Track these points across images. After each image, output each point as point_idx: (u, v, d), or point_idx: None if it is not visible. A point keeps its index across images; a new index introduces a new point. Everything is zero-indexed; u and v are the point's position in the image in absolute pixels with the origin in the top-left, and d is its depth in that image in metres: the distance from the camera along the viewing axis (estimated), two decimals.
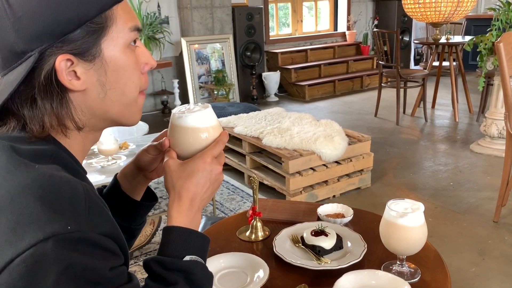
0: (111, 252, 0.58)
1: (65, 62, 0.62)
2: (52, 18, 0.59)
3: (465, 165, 3.50)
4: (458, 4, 3.86)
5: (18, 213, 0.53)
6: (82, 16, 0.61)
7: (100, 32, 0.63)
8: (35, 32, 0.59)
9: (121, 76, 0.67)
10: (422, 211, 0.97)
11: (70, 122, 0.65)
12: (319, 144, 2.84)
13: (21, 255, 0.51)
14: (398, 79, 4.53)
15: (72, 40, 0.61)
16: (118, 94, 0.68)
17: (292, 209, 1.38)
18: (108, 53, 0.65)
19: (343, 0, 6.97)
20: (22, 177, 0.56)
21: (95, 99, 0.66)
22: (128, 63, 0.67)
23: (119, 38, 0.65)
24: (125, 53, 0.67)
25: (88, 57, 0.63)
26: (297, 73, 6.15)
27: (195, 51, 5.33)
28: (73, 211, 0.55)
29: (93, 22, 0.62)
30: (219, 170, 0.75)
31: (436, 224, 2.59)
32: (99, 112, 0.68)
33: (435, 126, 4.62)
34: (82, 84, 0.64)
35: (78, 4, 0.60)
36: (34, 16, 0.59)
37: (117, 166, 2.33)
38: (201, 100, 5.38)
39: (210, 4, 5.38)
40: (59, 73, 0.61)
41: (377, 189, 3.12)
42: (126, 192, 0.86)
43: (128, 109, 0.71)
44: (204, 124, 0.76)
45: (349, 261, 1.04)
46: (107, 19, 0.64)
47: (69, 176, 0.59)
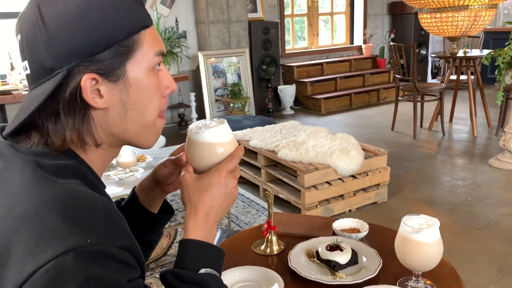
0: (128, 265, 0.59)
1: (90, 81, 0.64)
2: (82, 39, 0.62)
3: (483, 180, 3.45)
4: (475, 18, 3.84)
5: (41, 227, 0.55)
6: (110, 38, 0.64)
7: (127, 55, 0.66)
8: (65, 51, 0.62)
9: (143, 97, 0.69)
10: (438, 227, 0.97)
11: (89, 138, 0.68)
12: (335, 158, 2.83)
13: (43, 267, 0.53)
14: (415, 92, 4.50)
15: (99, 60, 0.64)
16: (138, 115, 0.70)
17: (307, 224, 1.38)
18: (133, 75, 0.67)
19: (359, 14, 7.00)
20: (45, 192, 0.58)
21: (115, 118, 0.68)
22: (150, 86, 0.70)
23: (144, 62, 0.68)
24: (148, 76, 0.69)
25: (112, 78, 0.66)
26: (313, 86, 6.16)
27: (212, 64, 5.39)
28: (93, 225, 0.57)
29: (120, 45, 0.65)
30: (234, 184, 0.77)
31: (454, 240, 2.55)
32: (117, 131, 0.70)
33: (453, 140, 4.57)
34: (105, 102, 0.66)
35: (107, 27, 0.63)
36: (66, 35, 0.62)
37: (134, 178, 2.36)
38: (217, 113, 5.42)
39: (227, 19, 5.46)
40: (84, 91, 0.64)
41: (394, 204, 3.09)
42: (143, 205, 0.88)
43: (146, 131, 0.72)
44: (220, 140, 0.78)
45: (364, 276, 1.04)
46: (134, 42, 0.66)
47: (89, 191, 0.61)
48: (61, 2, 0.63)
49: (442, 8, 3.80)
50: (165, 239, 2.59)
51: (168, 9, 5.26)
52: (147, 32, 0.68)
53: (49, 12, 0.63)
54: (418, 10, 4.18)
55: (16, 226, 0.56)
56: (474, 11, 3.75)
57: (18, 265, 0.54)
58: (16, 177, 0.61)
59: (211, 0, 5.32)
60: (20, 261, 0.54)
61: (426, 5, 3.86)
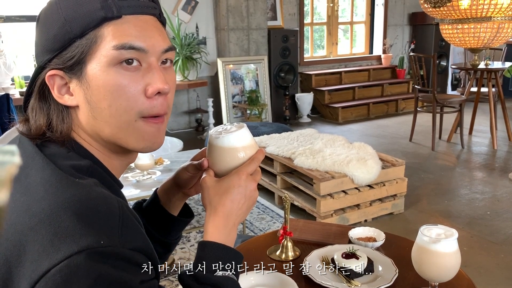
0: (141, 266, 0.60)
1: (59, 78, 0.67)
2: (45, 35, 0.67)
3: (503, 194, 3.39)
4: (498, 30, 3.79)
5: (56, 226, 0.57)
6: (66, 33, 0.65)
7: (86, 50, 0.64)
8: (38, 48, 0.69)
9: (104, 96, 0.65)
10: (456, 238, 0.96)
11: (79, 137, 0.70)
12: (351, 167, 2.82)
13: (57, 266, 0.54)
14: (435, 104, 4.46)
15: (61, 56, 0.66)
16: (105, 114, 0.66)
17: (323, 231, 1.38)
18: (91, 71, 0.65)
19: (379, 24, 6.98)
20: (63, 191, 0.60)
21: (88, 117, 0.67)
22: (112, 83, 0.65)
23: (102, 57, 0.64)
24: (109, 72, 0.64)
25: (75, 74, 0.66)
26: (331, 95, 6.15)
27: (230, 71, 5.43)
28: (107, 227, 0.58)
29: (78, 40, 0.64)
30: (254, 186, 0.77)
31: (471, 254, 2.51)
32: (96, 131, 0.68)
33: (472, 153, 4.50)
34: (73, 99, 0.68)
35: (63, 22, 0.65)
36: (39, 33, 0.68)
37: (151, 181, 2.39)
38: (234, 119, 5.45)
39: (246, 26, 5.50)
40: (50, 87, 0.67)
41: (410, 215, 3.06)
42: (164, 207, 0.89)
43: (123, 133, 0.68)
44: (240, 144, 0.79)
45: (380, 285, 1.04)
46: (93, 37, 0.64)
47: (106, 192, 0.62)
48: (49, 5, 0.68)
49: (464, 19, 3.76)
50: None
51: (189, 15, 5.33)
52: (111, 25, 0.64)
53: (42, 13, 0.69)
54: (439, 21, 4.15)
55: (33, 224, 0.57)
56: (497, 23, 3.70)
57: (33, 263, 0.55)
58: (36, 174, 0.62)
59: (232, 7, 5.38)
60: (35, 259, 0.55)
61: (448, 16, 3.84)
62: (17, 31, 4.50)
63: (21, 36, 4.52)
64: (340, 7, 6.75)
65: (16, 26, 4.47)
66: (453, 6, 3.68)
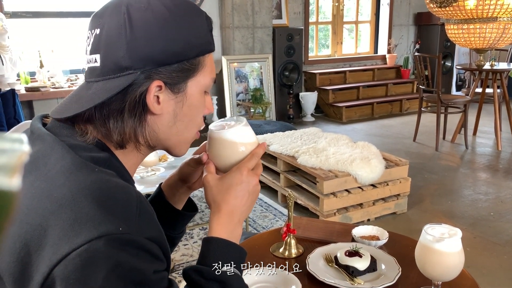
0: (155, 256, 0.61)
1: (156, 87, 0.69)
2: (161, 48, 0.68)
3: (507, 195, 3.38)
4: (504, 30, 3.78)
5: (76, 211, 0.58)
6: (184, 54, 0.70)
7: (191, 72, 0.72)
8: (143, 55, 0.67)
9: (192, 113, 0.76)
10: (460, 237, 0.96)
11: (142, 139, 0.72)
12: (355, 166, 2.82)
13: (76, 250, 0.56)
14: (439, 104, 4.45)
15: (168, 71, 0.69)
16: (183, 126, 0.76)
17: (327, 229, 1.38)
18: (191, 91, 0.74)
19: (384, 24, 6.96)
20: (83, 178, 0.61)
21: (164, 125, 0.73)
22: (199, 104, 0.76)
23: (202, 82, 0.75)
24: (201, 95, 0.76)
25: (174, 89, 0.72)
26: (335, 94, 6.14)
27: (235, 69, 5.43)
28: (125, 214, 0.60)
29: (189, 62, 0.72)
30: (256, 181, 0.79)
31: (474, 255, 2.51)
32: (162, 137, 0.74)
33: (476, 153, 4.49)
34: (160, 109, 0.71)
35: (184, 43, 0.70)
36: (148, 41, 0.67)
37: (155, 177, 2.39)
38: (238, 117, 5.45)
39: (251, 24, 5.50)
40: (148, 95, 0.69)
41: (413, 215, 3.06)
42: (169, 201, 0.90)
43: (182, 144, 0.79)
44: (240, 138, 0.79)
45: (383, 283, 1.04)
46: (199, 63, 0.73)
47: (124, 182, 0.64)
48: (149, 12, 0.68)
49: (470, 20, 3.75)
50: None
51: None
52: (209, 56, 0.76)
53: (138, 17, 0.68)
54: (445, 21, 4.14)
55: (54, 209, 0.59)
56: (503, 23, 3.69)
57: (53, 246, 0.57)
58: (56, 163, 0.64)
59: (237, 6, 5.38)
60: (55, 243, 0.57)
61: (454, 16, 3.82)
62: (23, 27, 4.51)
63: (27, 32, 4.54)
64: (345, 7, 6.73)
65: (22, 21, 4.48)
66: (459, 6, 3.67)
